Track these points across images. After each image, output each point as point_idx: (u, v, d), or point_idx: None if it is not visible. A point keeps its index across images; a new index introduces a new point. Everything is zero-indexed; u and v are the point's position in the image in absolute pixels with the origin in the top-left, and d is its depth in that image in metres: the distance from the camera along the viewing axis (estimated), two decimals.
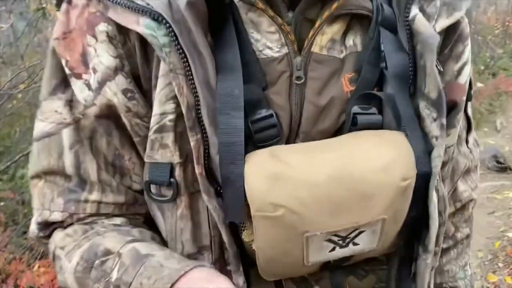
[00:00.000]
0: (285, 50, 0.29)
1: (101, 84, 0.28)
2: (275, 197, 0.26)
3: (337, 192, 0.27)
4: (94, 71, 0.28)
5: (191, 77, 0.26)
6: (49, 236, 0.33)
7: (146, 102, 0.29)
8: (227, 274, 0.29)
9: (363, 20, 0.31)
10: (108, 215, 0.32)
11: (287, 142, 0.30)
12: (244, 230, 0.29)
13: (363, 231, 0.29)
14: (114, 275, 0.28)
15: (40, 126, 0.32)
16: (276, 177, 0.26)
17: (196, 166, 0.27)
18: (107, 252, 0.29)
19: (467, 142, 0.40)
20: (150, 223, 0.34)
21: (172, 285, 0.25)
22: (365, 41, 0.31)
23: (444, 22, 0.30)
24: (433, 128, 0.30)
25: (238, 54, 0.27)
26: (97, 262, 0.29)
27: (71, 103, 0.30)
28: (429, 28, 0.29)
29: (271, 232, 0.27)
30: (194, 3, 0.26)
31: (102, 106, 0.29)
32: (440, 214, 0.31)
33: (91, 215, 0.32)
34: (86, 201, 0.31)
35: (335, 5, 0.28)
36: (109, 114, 0.29)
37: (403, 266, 0.35)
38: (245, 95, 0.27)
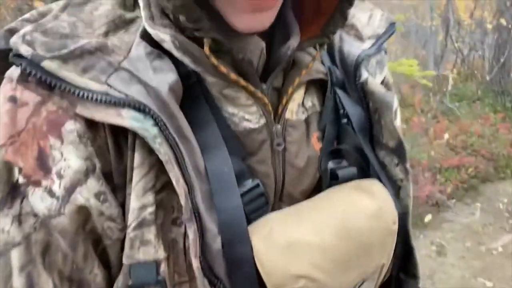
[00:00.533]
0: (263, 120, 0.30)
1: (70, 191, 0.26)
2: (294, 269, 0.26)
3: (345, 249, 0.28)
4: (60, 176, 0.26)
5: (185, 165, 0.26)
6: None
7: (117, 202, 0.28)
8: None
9: (316, 82, 0.35)
10: None
11: (273, 208, 0.32)
12: None
13: (366, 280, 0.32)
14: None
15: None
16: (289, 247, 0.26)
17: (193, 260, 0.26)
18: None
19: None
20: None
21: None
22: (321, 101, 0.35)
23: (379, 78, 0.36)
24: (397, 173, 0.35)
25: (218, 131, 0.28)
26: None
27: (20, 217, 0.27)
28: (381, 88, 0.34)
29: None
30: (173, 88, 0.26)
31: (72, 214, 0.26)
32: None
33: None
34: None
35: (304, 72, 0.31)
36: (80, 221, 0.27)
37: None
38: None
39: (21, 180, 0.26)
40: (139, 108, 0.24)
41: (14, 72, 0.26)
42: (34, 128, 0.25)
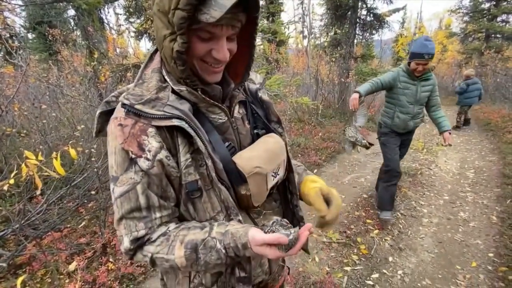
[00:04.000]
0: (226, 118, 0.65)
1: (155, 155, 0.55)
2: (253, 164, 0.62)
3: (269, 155, 0.66)
4: (149, 151, 0.54)
5: (202, 138, 0.57)
6: (135, 250, 0.59)
7: (174, 160, 0.57)
8: (230, 219, 0.62)
9: (241, 101, 0.71)
10: (166, 222, 0.61)
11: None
12: (240, 188, 0.63)
13: (279, 167, 0.69)
14: (218, 245, 0.57)
15: (119, 190, 0.56)
16: (249, 158, 0.64)
17: (213, 175, 0.57)
18: (202, 241, 0.57)
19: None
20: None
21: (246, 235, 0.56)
22: (244, 109, 0.71)
23: (264, 96, 0.76)
24: (279, 130, 0.74)
25: (210, 125, 0.62)
26: (200, 246, 0.57)
27: (136, 172, 0.55)
28: (267, 98, 0.75)
29: (255, 180, 0.62)
30: (189, 109, 0.59)
31: (158, 165, 0.55)
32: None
33: (159, 225, 0.59)
34: (155, 218, 0.58)
35: (240, 95, 0.69)
36: (161, 169, 0.56)
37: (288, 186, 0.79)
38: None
39: (133, 156, 0.54)
40: (179, 117, 0.55)
41: (117, 114, 0.56)
42: (133, 134, 0.54)
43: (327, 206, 0.73)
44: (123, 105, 0.55)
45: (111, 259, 2.21)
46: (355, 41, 7.78)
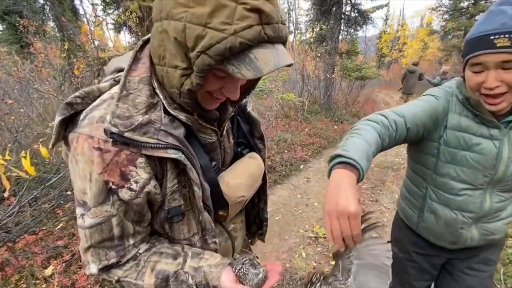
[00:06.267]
0: (215, 138, 0.63)
1: (143, 187, 0.51)
2: (238, 194, 0.63)
3: (251, 181, 0.68)
4: (136, 182, 0.50)
5: (196, 166, 0.56)
6: (105, 273, 0.56)
7: (160, 188, 0.55)
8: (205, 242, 0.63)
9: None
10: (138, 245, 0.58)
11: (222, 170, 0.66)
12: (219, 211, 0.65)
13: (255, 191, 0.75)
14: (190, 280, 0.55)
15: (90, 221, 0.51)
16: (235, 185, 0.63)
17: (200, 204, 0.57)
18: (174, 273, 0.56)
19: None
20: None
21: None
22: (229, 123, 0.69)
23: (252, 113, 0.76)
24: (260, 147, 0.76)
25: (199, 147, 0.60)
26: (172, 278, 0.55)
27: (114, 202, 0.51)
28: (255, 114, 0.74)
29: (236, 205, 0.67)
30: (184, 134, 0.54)
31: (143, 196, 0.52)
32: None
33: (130, 250, 0.56)
34: (128, 246, 0.55)
35: (231, 111, 0.64)
36: (145, 198, 0.53)
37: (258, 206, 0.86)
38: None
39: (113, 187, 0.49)
40: (174, 147, 0.50)
41: (92, 132, 0.48)
42: (116, 163, 0.48)
43: None
44: (111, 134, 0.47)
45: None
46: (340, 37, 7.86)
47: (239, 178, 0.66)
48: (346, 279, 0.65)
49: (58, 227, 2.44)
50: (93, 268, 0.55)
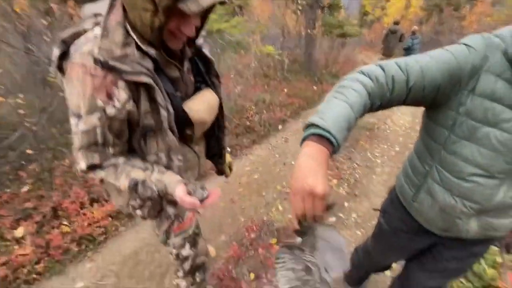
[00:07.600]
0: (179, 73, 0.80)
1: (124, 105, 0.68)
2: (200, 115, 0.85)
3: (209, 108, 0.90)
4: (118, 100, 0.67)
5: (162, 90, 0.73)
6: (89, 171, 0.75)
7: (137, 108, 0.71)
8: (170, 159, 0.83)
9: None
10: (117, 155, 0.77)
11: (185, 100, 0.83)
12: (186, 130, 0.84)
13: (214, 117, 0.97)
14: (154, 187, 0.78)
15: (82, 127, 0.68)
16: (196, 109, 0.84)
17: (165, 124, 0.74)
18: (143, 181, 0.76)
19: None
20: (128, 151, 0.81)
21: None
22: (189, 64, 0.86)
23: (207, 53, 0.93)
24: (217, 84, 0.96)
25: (166, 78, 0.76)
26: (140, 183, 0.75)
27: (101, 117, 0.68)
28: (211, 57, 0.94)
29: (199, 126, 0.88)
30: (153, 66, 0.71)
31: (125, 112, 0.69)
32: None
33: (110, 158, 0.75)
34: (108, 153, 0.74)
35: (189, 52, 0.83)
36: (126, 115, 0.71)
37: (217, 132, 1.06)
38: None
39: (101, 103, 0.67)
40: (146, 74, 0.68)
41: (84, 61, 0.65)
42: (104, 84, 0.65)
43: None
44: (98, 61, 0.64)
45: (65, 222, 2.09)
46: None
47: (199, 105, 0.87)
48: (312, 252, 0.62)
49: (25, 189, 2.32)
50: (82, 165, 0.74)
